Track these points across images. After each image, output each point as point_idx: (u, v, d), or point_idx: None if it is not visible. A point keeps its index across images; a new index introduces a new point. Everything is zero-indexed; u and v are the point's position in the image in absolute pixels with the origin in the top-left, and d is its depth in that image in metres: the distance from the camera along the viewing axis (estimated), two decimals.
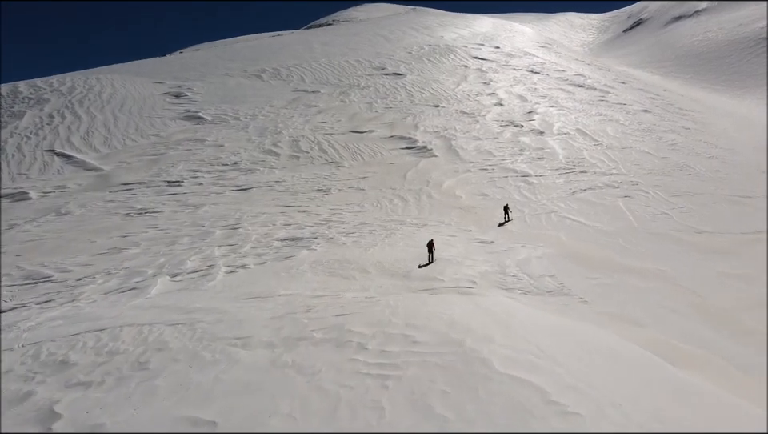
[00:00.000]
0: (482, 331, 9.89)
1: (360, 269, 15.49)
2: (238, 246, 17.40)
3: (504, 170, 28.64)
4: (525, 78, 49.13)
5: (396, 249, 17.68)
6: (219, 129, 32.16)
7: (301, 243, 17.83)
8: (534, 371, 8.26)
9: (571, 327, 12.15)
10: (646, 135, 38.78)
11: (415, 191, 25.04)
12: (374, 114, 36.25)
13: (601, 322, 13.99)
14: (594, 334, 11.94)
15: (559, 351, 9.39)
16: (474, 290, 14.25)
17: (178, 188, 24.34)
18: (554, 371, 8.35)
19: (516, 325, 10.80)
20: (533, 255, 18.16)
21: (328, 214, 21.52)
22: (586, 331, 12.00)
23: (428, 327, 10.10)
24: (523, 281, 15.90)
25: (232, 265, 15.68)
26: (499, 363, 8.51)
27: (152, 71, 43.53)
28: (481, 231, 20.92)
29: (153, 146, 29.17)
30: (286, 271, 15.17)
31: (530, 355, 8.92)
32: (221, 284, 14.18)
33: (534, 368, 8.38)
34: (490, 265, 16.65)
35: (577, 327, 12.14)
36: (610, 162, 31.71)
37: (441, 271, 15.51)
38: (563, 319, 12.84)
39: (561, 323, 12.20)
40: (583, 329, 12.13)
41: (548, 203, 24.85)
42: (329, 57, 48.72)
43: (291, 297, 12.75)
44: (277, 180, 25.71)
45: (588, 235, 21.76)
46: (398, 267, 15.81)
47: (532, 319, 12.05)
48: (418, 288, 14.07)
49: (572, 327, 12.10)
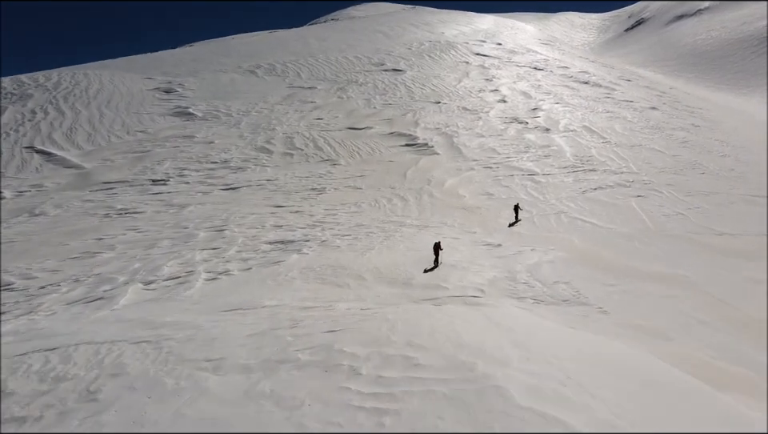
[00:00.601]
0: (496, 352, 8.38)
1: (355, 275, 13.98)
2: (222, 249, 15.89)
3: (509, 169, 27.15)
4: (528, 74, 47.68)
5: (395, 253, 16.18)
6: (210, 125, 30.65)
7: (291, 247, 16.31)
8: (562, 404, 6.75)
9: (596, 344, 10.64)
10: (655, 133, 37.31)
11: (416, 191, 23.54)
12: (373, 110, 34.75)
13: (625, 335, 12.49)
14: (623, 352, 10.42)
15: (588, 377, 7.88)
16: (483, 299, 12.75)
17: (162, 187, 22.83)
18: (587, 404, 6.85)
19: (535, 344, 9.27)
20: (544, 259, 16.66)
21: (322, 215, 20.02)
22: (613, 349, 10.49)
23: (432, 346, 8.59)
24: (536, 289, 14.40)
25: (213, 271, 14.16)
26: (519, 393, 6.98)
27: (143, 67, 42.02)
28: (486, 232, 19.42)
29: (139, 143, 27.66)
30: (273, 278, 13.66)
31: (555, 383, 7.39)
32: (198, 293, 12.66)
33: (562, 400, 6.87)
34: (498, 271, 15.15)
35: (602, 345, 10.63)
36: (620, 161, 30.23)
37: (445, 278, 14.00)
38: (585, 335, 11.32)
39: (584, 340, 10.68)
40: (610, 346, 10.62)
41: (557, 203, 23.36)
42: (326, 53, 47.24)
43: (276, 309, 11.23)
44: (269, 179, 24.20)
45: (601, 238, 20.27)
46: (398, 273, 14.30)
47: (552, 335, 10.54)
48: (419, 298, 12.57)
49: (597, 345, 10.59)
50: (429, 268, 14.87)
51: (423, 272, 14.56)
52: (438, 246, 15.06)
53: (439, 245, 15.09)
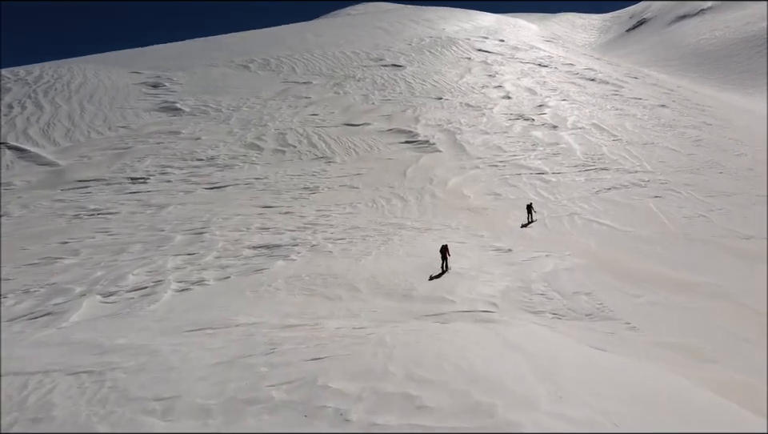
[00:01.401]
0: (519, 388, 6.61)
1: (348, 286, 12.18)
2: (199, 255, 14.07)
3: (516, 167, 25.38)
4: (532, 71, 45.98)
5: (394, 259, 14.38)
6: (197, 121, 28.85)
7: (277, 252, 14.50)
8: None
9: (635, 372, 8.85)
10: (667, 131, 35.59)
11: (417, 190, 21.75)
12: (371, 106, 32.98)
13: (662, 357, 10.71)
14: (668, 383, 8.62)
15: (639, 422, 6.13)
16: (496, 315, 10.95)
17: (141, 186, 21.02)
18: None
19: (565, 375, 7.47)
20: (560, 266, 14.88)
21: (314, 217, 18.22)
22: (656, 379, 8.70)
23: (440, 380, 6.82)
24: (554, 301, 12.63)
25: (185, 281, 12.34)
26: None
27: (130, 61, 40.23)
28: (494, 236, 17.64)
29: (120, 139, 25.84)
30: (254, 289, 11.85)
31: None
32: (164, 308, 10.85)
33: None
34: (510, 280, 13.36)
35: (643, 374, 8.84)
36: (633, 159, 28.49)
37: (451, 289, 12.21)
38: (619, 359, 9.53)
39: (620, 368, 8.89)
40: (652, 376, 8.82)
41: (569, 204, 21.59)
42: (323, 48, 45.50)
43: (252, 328, 9.43)
44: (258, 177, 22.40)
45: (620, 242, 18.50)
46: (397, 283, 12.51)
47: (582, 361, 8.74)
48: (422, 313, 10.77)
49: (637, 374, 8.80)
50: (435, 275, 13.16)
51: (429, 279, 12.83)
52: (446, 249, 13.38)
53: (447, 248, 13.40)
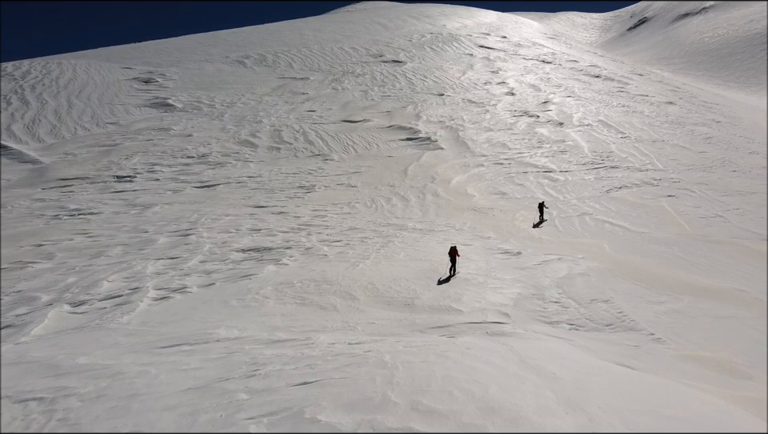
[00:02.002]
0: (545, 422, 5.44)
1: (344, 294, 11.06)
2: (183, 259, 12.93)
3: (522, 165, 24.25)
4: (536, 67, 44.85)
5: (395, 263, 13.25)
6: (190, 117, 27.71)
7: (268, 256, 13.37)
8: None
9: (667, 394, 7.71)
10: (676, 128, 34.45)
11: (418, 189, 20.62)
12: (370, 102, 31.85)
13: (694, 374, 9.57)
14: (706, 405, 7.47)
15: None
16: (509, 327, 9.82)
17: (127, 184, 19.89)
18: None
19: (594, 402, 6.30)
20: (575, 270, 13.76)
21: (309, 217, 17.09)
22: (692, 401, 7.55)
23: (450, 412, 5.65)
24: (570, 310, 11.50)
25: (165, 288, 11.20)
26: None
27: (123, 56, 39.09)
28: (502, 238, 16.51)
29: (108, 136, 24.71)
30: (240, 298, 10.72)
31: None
32: (138, 319, 9.72)
33: None
34: (522, 286, 12.23)
35: (678, 396, 7.70)
36: (643, 157, 27.36)
37: (458, 297, 11.09)
38: (650, 379, 8.38)
39: (651, 388, 7.74)
40: (687, 398, 7.68)
41: (579, 204, 20.46)
42: (320, 44, 44.36)
43: (235, 344, 8.30)
44: (251, 175, 21.27)
45: (635, 244, 17.37)
46: (398, 290, 11.38)
47: (610, 383, 7.58)
48: (426, 325, 9.65)
49: (669, 395, 7.66)
50: (444, 278, 12.07)
51: (437, 283, 11.77)
52: (455, 251, 12.36)
53: (456, 251, 12.34)
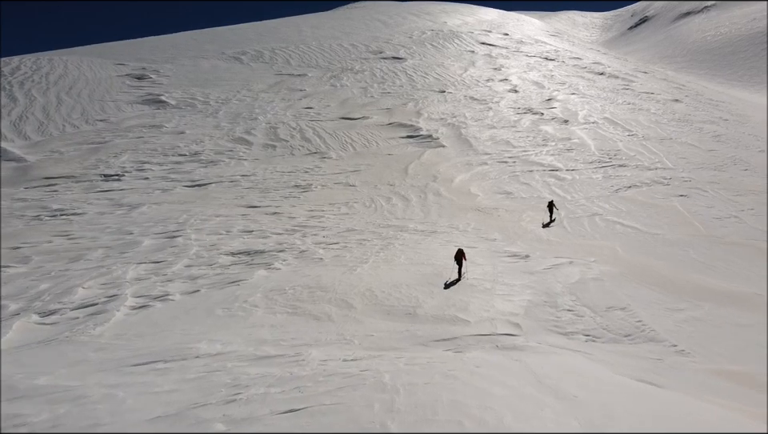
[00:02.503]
0: None
1: (340, 301, 10.16)
2: (167, 263, 12.02)
3: (527, 164, 23.34)
4: (539, 64, 43.94)
5: (395, 268, 12.35)
6: (183, 114, 26.81)
7: (259, 259, 12.47)
8: None
9: (700, 417, 6.80)
10: (683, 126, 33.54)
11: (419, 188, 19.72)
12: (370, 99, 30.94)
13: (722, 390, 8.67)
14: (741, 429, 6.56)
15: None
16: (521, 340, 8.92)
17: (115, 183, 18.99)
18: None
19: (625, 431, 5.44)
20: (588, 275, 12.87)
21: (304, 218, 16.19)
22: (726, 425, 6.64)
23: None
24: (585, 319, 10.61)
25: (145, 295, 10.30)
26: None
27: (117, 52, 38.16)
28: (508, 239, 15.61)
29: (97, 133, 23.80)
30: (226, 306, 9.82)
31: None
32: (112, 331, 8.82)
33: None
34: (532, 293, 11.33)
35: (712, 420, 6.79)
36: (651, 155, 26.46)
37: (464, 305, 10.20)
38: (677, 398, 7.48)
39: (681, 411, 6.83)
40: (721, 421, 6.77)
41: (588, 204, 19.57)
42: (319, 40, 43.44)
43: (216, 361, 7.41)
44: (244, 174, 20.37)
45: (649, 246, 16.47)
46: (398, 297, 10.48)
47: (639, 407, 6.68)
48: (430, 338, 8.76)
49: (701, 418, 6.76)
50: (450, 282, 11.22)
51: (442, 289, 10.86)
52: (462, 254, 11.55)
53: (463, 253, 11.56)
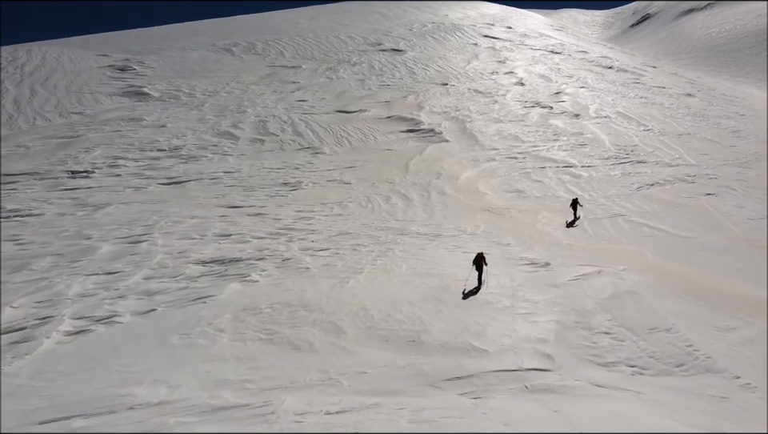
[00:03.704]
0: None
1: (326, 325, 8.25)
2: (123, 274, 10.09)
3: (539, 160, 21.43)
4: (545, 57, 42.03)
5: (394, 279, 10.43)
6: (166, 107, 24.86)
7: (234, 269, 10.54)
8: None
9: None
10: (700, 121, 31.66)
11: (422, 186, 17.80)
12: (367, 91, 29.01)
13: None
14: None
15: None
16: (555, 377, 7.00)
17: (82, 180, 17.06)
18: None
19: None
20: (621, 287, 10.92)
21: (292, 219, 14.26)
22: None
23: None
24: (627, 344, 8.69)
25: (87, 317, 8.37)
26: None
27: (101, 44, 36.20)
28: (524, 244, 13.68)
29: (70, 127, 21.85)
30: (184, 332, 7.90)
31: None
32: (34, 366, 6.89)
33: None
34: (560, 311, 9.40)
35: None
36: (671, 151, 24.56)
37: (480, 329, 8.29)
38: None
39: None
40: None
41: (609, 203, 17.67)
42: (315, 32, 41.49)
43: (154, 415, 5.50)
44: (228, 170, 18.45)
45: (681, 251, 14.55)
46: (399, 318, 8.56)
47: None
48: (440, 376, 6.85)
49: None
50: (468, 291, 9.37)
51: (462, 298, 9.02)
52: (483, 259, 10.17)
53: (483, 258, 10.18)
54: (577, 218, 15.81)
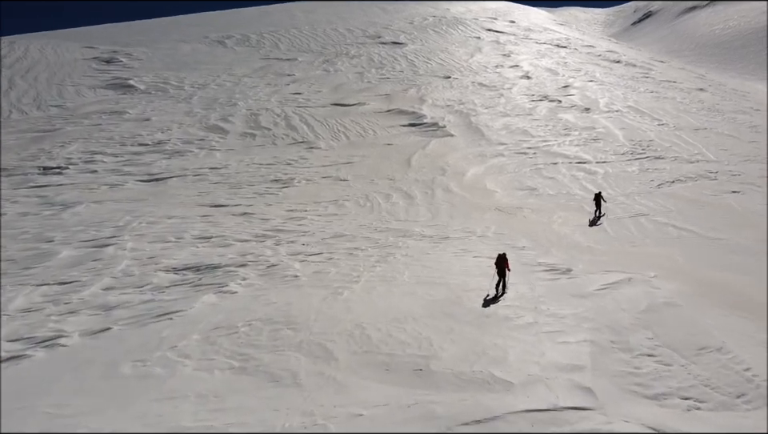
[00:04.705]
0: None
1: (315, 347, 6.82)
2: (78, 285, 8.64)
3: (550, 155, 19.98)
4: (550, 51, 40.59)
5: (396, 289, 8.98)
6: (151, 99, 23.41)
7: (209, 278, 9.09)
8: None
9: None
10: (715, 115, 30.22)
11: (425, 183, 16.36)
12: (366, 84, 27.56)
13: None
14: None
15: None
16: (600, 419, 5.55)
17: (54, 177, 15.62)
18: None
19: None
20: (657, 298, 9.46)
21: (281, 219, 12.81)
22: None
23: None
24: (675, 368, 7.22)
25: (27, 338, 6.92)
26: None
27: (89, 36, 34.72)
28: (540, 247, 12.23)
29: (47, 120, 20.41)
30: (140, 359, 6.46)
31: None
32: None
33: None
34: (592, 328, 7.95)
35: None
36: (688, 146, 23.12)
37: (500, 353, 6.86)
38: None
39: None
40: None
41: (629, 202, 16.22)
42: (312, 24, 40.03)
43: None
44: (214, 166, 17.00)
45: (713, 254, 13.09)
46: (402, 339, 7.13)
47: None
48: (456, 419, 5.39)
49: None
50: (491, 297, 7.99)
51: (483, 304, 7.59)
52: (505, 261, 9.14)
53: (506, 260, 9.17)
54: (602, 214, 14.43)
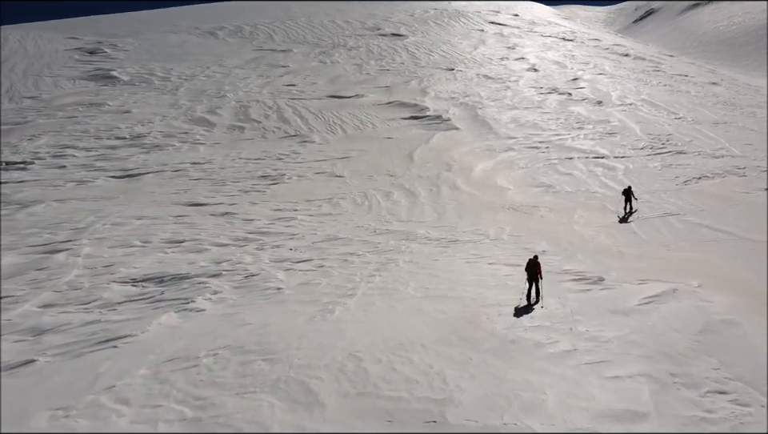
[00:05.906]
0: None
1: (294, 388, 5.24)
2: (11, 300, 7.07)
3: (564, 150, 18.42)
4: (556, 44, 39.06)
5: (399, 305, 7.41)
6: (134, 91, 21.84)
7: (174, 291, 7.51)
8: None
9: None
10: (732, 109, 28.66)
11: (430, 180, 14.78)
12: (365, 76, 26.00)
13: None
14: None
15: None
16: None
17: (16, 173, 14.04)
18: None
19: None
20: (711, 314, 7.89)
21: (266, 220, 11.24)
22: None
23: None
24: (754, 409, 5.66)
25: None
26: None
27: (75, 27, 33.11)
28: (564, 252, 10.65)
29: (18, 112, 18.84)
30: (60, 407, 4.89)
31: None
32: None
33: None
34: (643, 355, 6.36)
35: None
36: (710, 141, 21.55)
37: (536, 396, 5.27)
38: None
39: None
40: None
41: (655, 200, 14.65)
42: (309, 16, 38.47)
43: None
44: (196, 161, 15.43)
45: (757, 259, 11.49)
46: (408, 373, 5.57)
47: None
48: None
49: None
50: (523, 306, 6.48)
51: (514, 314, 6.09)
52: (537, 267, 7.87)
53: (538, 266, 7.91)
54: (633, 210, 12.94)
